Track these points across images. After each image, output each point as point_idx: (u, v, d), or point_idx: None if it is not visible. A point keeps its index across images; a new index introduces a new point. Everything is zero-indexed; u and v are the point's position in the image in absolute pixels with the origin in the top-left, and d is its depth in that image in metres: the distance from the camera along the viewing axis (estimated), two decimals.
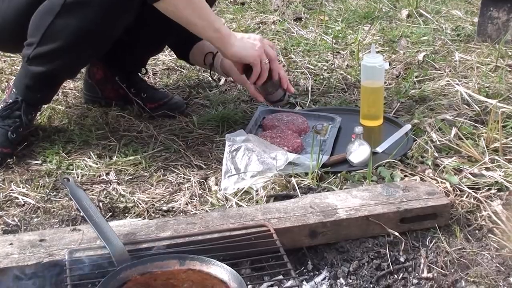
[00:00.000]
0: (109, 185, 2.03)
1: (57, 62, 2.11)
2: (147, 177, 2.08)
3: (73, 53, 2.10)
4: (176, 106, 2.50)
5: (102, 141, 2.29)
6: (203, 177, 2.06)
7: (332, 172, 2.03)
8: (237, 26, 3.43)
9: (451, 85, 2.65)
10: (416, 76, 2.79)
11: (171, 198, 1.96)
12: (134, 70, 2.57)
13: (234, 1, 3.96)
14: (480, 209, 1.85)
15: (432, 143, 2.17)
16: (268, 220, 1.68)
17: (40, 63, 2.11)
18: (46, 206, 1.92)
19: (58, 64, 2.11)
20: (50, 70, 2.12)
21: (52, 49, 2.07)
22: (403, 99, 2.56)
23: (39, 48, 2.08)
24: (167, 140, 2.29)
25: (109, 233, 1.57)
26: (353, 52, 3.07)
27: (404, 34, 3.32)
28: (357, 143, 2.10)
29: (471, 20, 3.47)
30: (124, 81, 2.50)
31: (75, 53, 2.10)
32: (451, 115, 2.37)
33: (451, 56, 3.01)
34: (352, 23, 3.52)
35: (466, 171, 2.00)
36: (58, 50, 2.07)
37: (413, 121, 2.34)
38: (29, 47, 2.10)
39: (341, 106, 2.54)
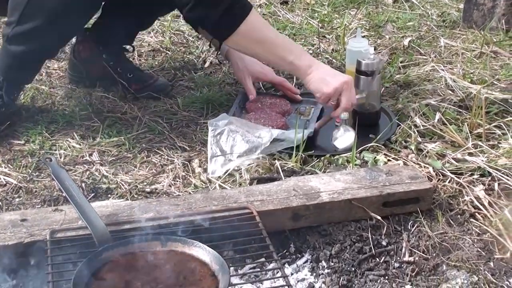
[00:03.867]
0: (92, 165, 2.02)
1: (36, 41, 2.08)
2: (131, 158, 2.07)
3: (52, 31, 2.07)
4: (161, 88, 2.48)
5: (85, 122, 2.27)
6: (187, 159, 2.04)
7: (315, 156, 2.02)
8: None
9: (436, 70, 2.65)
10: (401, 61, 2.78)
11: (154, 180, 1.95)
12: (123, 43, 2.54)
13: None
14: (463, 194, 1.86)
15: (416, 128, 2.17)
16: (251, 203, 1.68)
17: (20, 43, 2.08)
18: (28, 186, 1.91)
19: (38, 42, 2.08)
20: (30, 49, 2.09)
21: (30, 28, 2.04)
22: (388, 84, 2.56)
23: (18, 27, 2.05)
24: (151, 121, 2.27)
25: (91, 214, 1.55)
26: (338, 36, 3.05)
27: (390, 19, 3.31)
28: (343, 129, 2.10)
29: (457, 6, 3.47)
30: (111, 59, 2.47)
31: (54, 31, 2.07)
32: (435, 101, 2.36)
33: (437, 42, 3.01)
34: (339, 7, 3.50)
35: (449, 156, 2.00)
36: (37, 28, 2.04)
37: (397, 106, 2.34)
38: (8, 27, 2.08)
39: None
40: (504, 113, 2.27)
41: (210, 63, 2.79)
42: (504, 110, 2.28)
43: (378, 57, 2.24)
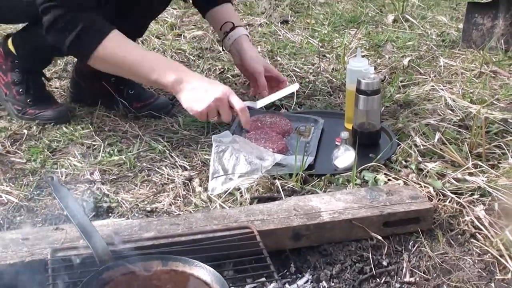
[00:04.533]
0: (93, 184, 2.02)
1: None
2: (131, 177, 2.07)
3: None
4: (162, 106, 2.48)
5: (87, 140, 2.28)
6: (188, 178, 2.05)
7: (316, 175, 2.03)
8: None
9: (435, 90, 2.66)
10: (401, 80, 2.79)
11: (155, 199, 1.95)
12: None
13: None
14: (463, 214, 1.86)
15: (416, 147, 2.17)
16: (252, 222, 1.68)
17: None
18: (30, 204, 1.91)
19: None
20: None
21: None
22: (388, 103, 2.57)
23: None
24: (152, 140, 2.28)
25: (92, 233, 1.56)
26: (339, 55, 3.07)
27: (390, 38, 3.33)
28: (343, 148, 2.10)
29: (456, 26, 3.49)
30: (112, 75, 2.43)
31: None
32: (435, 120, 2.37)
33: (436, 62, 3.02)
34: (339, 27, 3.52)
35: (449, 176, 2.01)
36: None
37: (397, 125, 2.35)
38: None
39: (326, 109, 2.54)
40: (504, 133, 2.28)
41: None
42: (504, 130, 2.29)
43: (378, 77, 2.26)
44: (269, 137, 2.18)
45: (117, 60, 2.06)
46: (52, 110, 2.40)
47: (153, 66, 2.04)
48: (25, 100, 2.40)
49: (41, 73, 2.49)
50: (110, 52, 2.03)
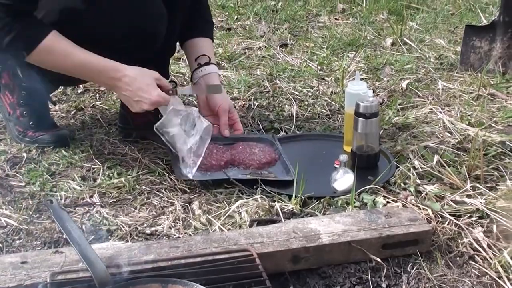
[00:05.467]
0: (92, 207, 2.03)
1: None
2: (131, 200, 2.08)
3: None
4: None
5: (86, 163, 2.29)
6: (187, 201, 2.06)
7: (315, 198, 2.04)
8: (223, 51, 3.45)
9: (434, 113, 2.68)
10: (400, 103, 2.81)
11: (155, 222, 1.96)
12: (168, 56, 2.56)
13: (221, 27, 3.99)
14: (462, 236, 1.87)
15: (414, 170, 2.18)
16: (251, 245, 1.69)
17: None
18: (29, 228, 1.91)
19: None
20: None
21: None
22: (387, 126, 2.59)
23: None
24: (151, 163, 2.29)
25: (91, 256, 1.56)
26: (337, 79, 3.09)
27: (388, 61, 3.36)
28: (342, 171, 2.12)
29: (454, 49, 3.52)
30: None
31: None
32: (433, 143, 2.39)
33: (434, 84, 3.05)
34: (337, 50, 3.55)
35: (447, 198, 2.02)
36: None
37: (396, 148, 2.36)
38: None
39: (325, 132, 2.56)
40: (502, 155, 2.30)
41: None
42: (502, 152, 2.31)
43: (376, 100, 2.28)
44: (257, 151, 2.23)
45: (52, 66, 2.12)
46: (52, 133, 2.41)
47: (87, 75, 2.15)
48: (27, 122, 2.42)
49: (47, 97, 2.52)
50: (45, 58, 2.07)
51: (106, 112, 2.74)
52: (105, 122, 2.62)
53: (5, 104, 2.46)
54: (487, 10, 4.20)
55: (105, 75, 2.09)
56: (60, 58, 2.08)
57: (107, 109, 2.76)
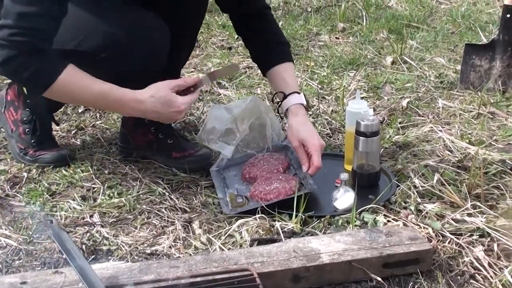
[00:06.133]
0: (92, 227, 2.03)
1: None
2: (131, 219, 2.09)
3: None
4: (202, 158, 2.42)
5: (86, 183, 2.30)
6: (187, 221, 2.06)
7: (316, 217, 2.04)
8: None
9: (434, 131, 2.69)
10: (400, 122, 2.82)
11: (155, 241, 1.96)
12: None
13: (222, 46, 4.01)
14: (462, 255, 1.87)
15: (415, 188, 2.19)
16: (252, 264, 1.69)
17: None
18: (28, 248, 1.92)
19: None
20: None
21: None
22: (387, 144, 2.59)
23: None
24: (151, 183, 2.30)
25: (91, 276, 1.57)
26: (338, 97, 3.10)
27: (389, 80, 3.37)
28: (342, 189, 2.12)
29: (454, 67, 3.53)
30: (152, 124, 2.42)
31: None
32: (434, 161, 2.39)
33: (435, 103, 3.06)
34: (338, 69, 3.56)
35: (448, 216, 2.02)
36: None
37: (396, 167, 2.37)
38: None
39: (326, 151, 2.55)
40: (502, 174, 2.30)
41: None
42: (502, 171, 2.31)
43: (377, 118, 2.28)
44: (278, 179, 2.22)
45: (69, 100, 2.18)
46: (52, 153, 2.42)
47: (105, 106, 2.19)
48: (29, 140, 2.43)
49: (50, 116, 2.53)
50: (61, 93, 2.03)
51: (106, 131, 2.75)
52: (106, 141, 2.63)
53: (9, 121, 2.48)
54: (487, 28, 4.22)
55: (127, 106, 2.05)
56: (78, 91, 2.03)
57: (107, 129, 2.77)
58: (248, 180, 2.28)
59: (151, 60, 2.22)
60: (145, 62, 2.19)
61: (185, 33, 2.36)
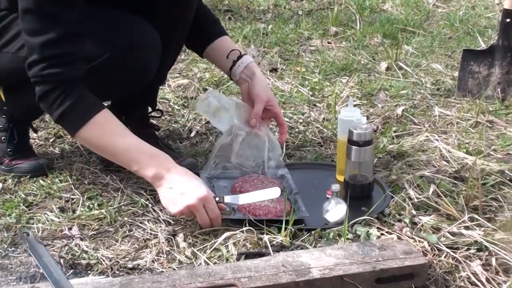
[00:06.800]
0: (71, 240, 2.03)
1: None
2: (112, 232, 2.09)
3: None
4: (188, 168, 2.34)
5: (65, 194, 2.30)
6: (171, 233, 2.06)
7: (306, 230, 2.05)
8: (210, 76, 3.48)
9: (430, 140, 2.71)
10: (395, 130, 2.84)
11: (137, 255, 1.96)
12: (145, 105, 2.58)
13: None
14: (459, 270, 1.88)
15: (410, 200, 2.20)
16: (239, 279, 1.69)
17: None
18: (4, 262, 1.91)
19: None
20: None
21: None
22: (381, 154, 2.61)
23: None
24: (134, 193, 2.30)
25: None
26: (330, 105, 3.12)
27: (383, 87, 3.39)
28: (334, 201, 2.13)
29: (452, 74, 3.55)
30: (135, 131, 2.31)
31: None
32: (430, 172, 2.41)
33: (431, 111, 3.08)
34: (330, 75, 3.58)
35: (444, 229, 2.03)
36: None
37: (391, 177, 2.38)
38: None
39: (317, 161, 2.58)
40: (501, 185, 2.32)
41: (197, 132, 2.84)
42: (501, 182, 2.33)
43: (370, 127, 2.30)
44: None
45: (99, 145, 2.11)
46: (29, 162, 2.42)
47: (135, 158, 2.07)
48: (5, 149, 2.44)
49: (28, 124, 2.53)
50: (93, 135, 2.07)
51: None
52: (85, 150, 2.63)
53: None
54: (485, 33, 4.25)
55: (156, 163, 2.06)
56: (109, 139, 2.09)
57: None
58: (238, 193, 2.28)
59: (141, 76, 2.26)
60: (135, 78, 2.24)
61: (174, 38, 2.38)
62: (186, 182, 2.04)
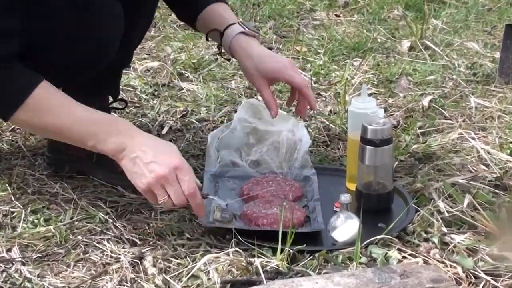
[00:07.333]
0: (10, 265, 2.02)
1: None
2: (62, 255, 2.08)
3: None
4: None
5: (3, 206, 2.29)
6: (137, 256, 2.05)
7: (308, 252, 2.05)
8: (187, 57, 3.47)
9: (464, 139, 2.71)
10: (420, 126, 2.84)
11: (94, 284, 1.96)
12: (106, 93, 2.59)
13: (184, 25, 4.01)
14: None
15: (439, 214, 2.20)
16: None
17: None
18: None
19: None
20: None
21: None
22: (403, 156, 2.61)
23: None
24: (90, 206, 2.29)
25: None
26: (338, 94, 3.12)
27: (405, 71, 3.39)
28: (343, 216, 2.12)
29: (492, 55, 3.56)
30: None
31: None
32: (464, 179, 2.41)
33: (466, 102, 3.08)
34: (338, 56, 3.58)
35: (483, 251, 2.03)
36: None
37: (415, 186, 2.38)
38: None
39: (322, 164, 2.58)
40: None
41: (170, 128, 2.83)
42: None
43: (389, 122, 2.29)
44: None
45: (41, 124, 2.10)
46: None
47: (89, 130, 2.07)
48: None
49: None
50: (33, 115, 2.07)
51: (30, 137, 2.75)
52: (29, 151, 2.62)
53: None
54: None
55: (116, 132, 2.07)
56: (52, 114, 2.07)
57: (31, 134, 2.76)
58: (246, 197, 2.28)
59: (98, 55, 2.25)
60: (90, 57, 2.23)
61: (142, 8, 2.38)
62: (153, 149, 2.04)
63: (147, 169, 2.01)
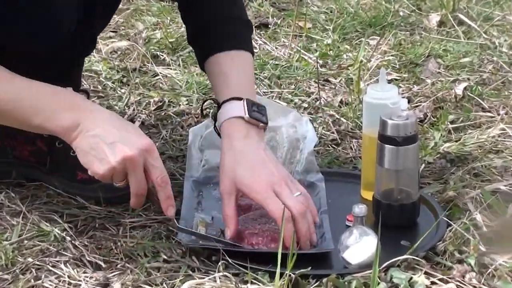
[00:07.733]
0: None
1: None
2: (8, 281, 2.08)
3: None
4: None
5: None
6: (102, 282, 2.05)
7: (313, 276, 2.05)
8: (163, 35, 3.47)
9: (507, 135, 2.71)
10: (452, 121, 2.85)
11: None
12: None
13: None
14: None
15: (476, 229, 2.20)
16: None
17: None
18: None
19: None
20: None
21: None
22: (431, 157, 2.61)
23: None
24: (43, 220, 2.29)
25: None
26: (351, 80, 3.12)
27: (434, 52, 3.39)
28: (357, 231, 2.12)
29: None
30: None
31: None
32: (507, 185, 2.41)
33: (509, 90, 3.08)
34: (350, 33, 3.59)
35: None
36: None
37: (446, 194, 2.38)
38: None
39: (331, 168, 2.58)
40: None
41: (142, 123, 2.83)
42: None
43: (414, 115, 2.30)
44: None
45: None
46: None
47: (36, 105, 2.07)
48: None
49: None
50: None
51: None
52: None
53: None
54: None
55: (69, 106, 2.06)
56: None
57: None
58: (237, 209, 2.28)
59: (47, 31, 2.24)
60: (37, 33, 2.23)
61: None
62: (117, 127, 2.04)
63: (110, 150, 2.00)
